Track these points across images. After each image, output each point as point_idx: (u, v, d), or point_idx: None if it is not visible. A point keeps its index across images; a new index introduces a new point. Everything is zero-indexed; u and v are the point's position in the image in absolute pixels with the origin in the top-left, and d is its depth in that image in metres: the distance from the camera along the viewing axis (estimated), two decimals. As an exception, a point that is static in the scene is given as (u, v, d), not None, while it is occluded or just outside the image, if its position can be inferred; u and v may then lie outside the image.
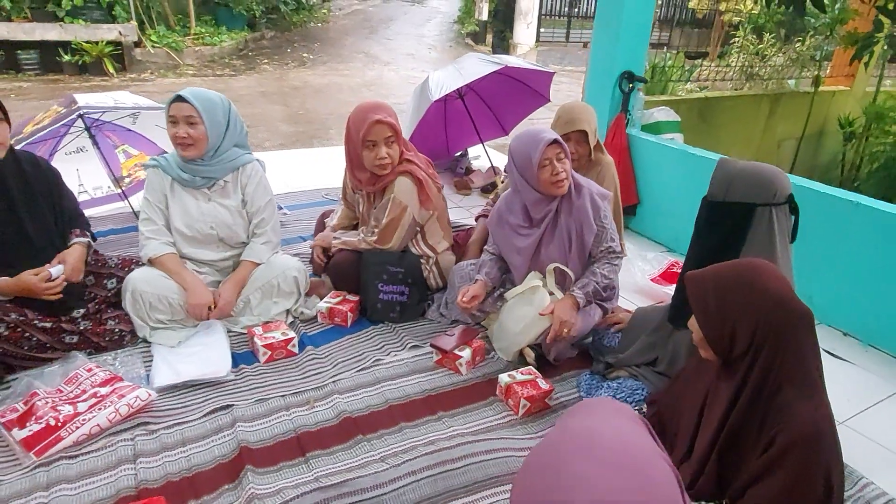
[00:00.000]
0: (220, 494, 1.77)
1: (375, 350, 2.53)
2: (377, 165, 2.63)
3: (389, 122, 2.59)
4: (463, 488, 1.82)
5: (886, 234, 2.66)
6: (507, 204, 2.53)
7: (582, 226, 2.39)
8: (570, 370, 2.45)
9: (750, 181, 1.82)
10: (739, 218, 1.83)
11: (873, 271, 2.70)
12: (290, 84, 9.40)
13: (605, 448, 0.66)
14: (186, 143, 2.43)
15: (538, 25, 13.54)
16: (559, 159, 2.30)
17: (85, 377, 2.14)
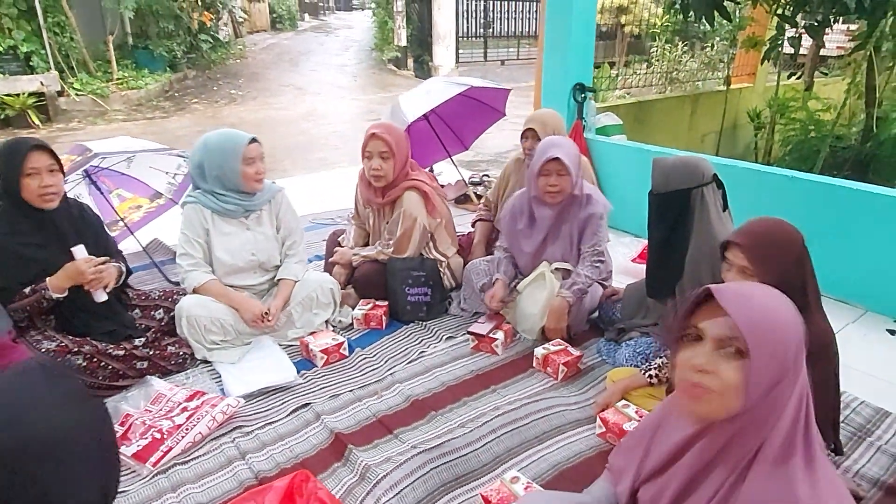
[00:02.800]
0: (334, 471, 2.02)
1: (416, 344, 2.83)
2: (371, 175, 2.98)
3: (384, 137, 2.93)
4: (535, 438, 2.16)
5: (806, 198, 3.27)
6: (519, 203, 2.91)
7: (584, 231, 2.79)
8: (586, 340, 2.84)
9: (681, 171, 2.29)
10: (681, 202, 2.29)
11: (810, 227, 3.24)
12: (225, 122, 9.46)
13: None
14: (261, 179, 2.74)
15: (457, 47, 14.15)
16: (559, 174, 2.70)
17: (169, 396, 2.32)
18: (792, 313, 1.05)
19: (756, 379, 0.99)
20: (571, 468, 2.03)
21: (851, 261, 3.16)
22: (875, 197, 3.10)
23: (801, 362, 1.03)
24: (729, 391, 1.02)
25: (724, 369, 1.02)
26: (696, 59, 6.75)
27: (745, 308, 1.02)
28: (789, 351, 1.01)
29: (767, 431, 1.02)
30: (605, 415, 2.15)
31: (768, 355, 0.99)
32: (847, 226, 3.16)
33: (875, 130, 4.67)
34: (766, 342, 0.99)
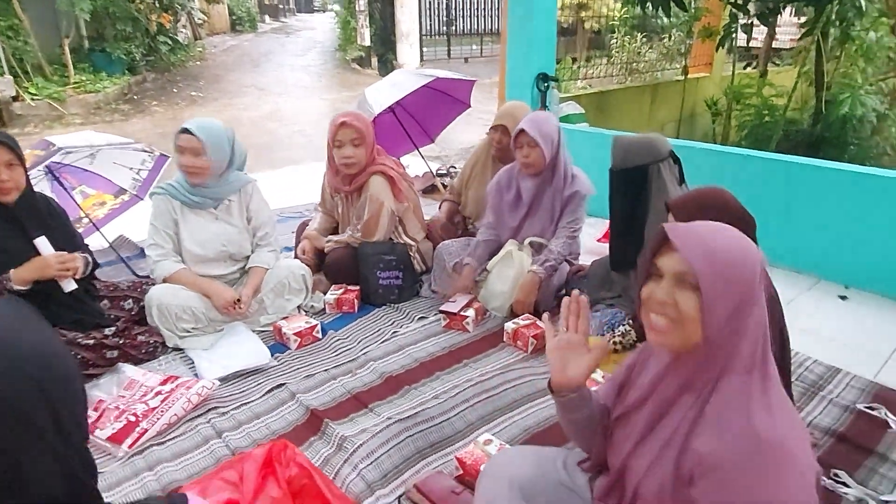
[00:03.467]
0: (311, 444, 2.05)
1: (388, 325, 2.87)
2: (343, 164, 3.01)
3: (355, 125, 2.97)
4: (507, 406, 2.23)
5: (760, 176, 3.42)
6: (506, 178, 3.02)
7: (566, 207, 2.90)
8: (554, 316, 2.90)
9: (639, 147, 2.41)
10: (640, 178, 2.39)
11: (765, 203, 3.38)
12: (187, 123, 9.35)
13: None
14: (192, 171, 2.67)
15: (420, 45, 14.19)
16: (529, 146, 2.80)
17: (142, 381, 2.33)
18: (745, 246, 1.11)
19: (710, 309, 1.06)
20: (542, 432, 2.10)
21: (804, 233, 3.30)
22: (823, 171, 3.25)
23: (756, 292, 1.09)
24: (687, 322, 1.09)
25: (682, 301, 1.09)
26: (655, 50, 6.92)
27: (695, 243, 1.09)
28: (742, 282, 1.07)
29: (727, 359, 1.09)
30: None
31: (720, 287, 1.06)
32: (799, 200, 3.31)
33: (824, 113, 4.86)
34: (717, 274, 1.06)
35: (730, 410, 1.06)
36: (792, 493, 0.99)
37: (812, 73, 5.25)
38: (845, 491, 1.78)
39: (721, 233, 1.13)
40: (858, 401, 2.22)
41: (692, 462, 1.07)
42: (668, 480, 1.14)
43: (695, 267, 1.07)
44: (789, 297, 3.08)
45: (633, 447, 1.25)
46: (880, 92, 5.39)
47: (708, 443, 1.05)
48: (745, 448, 1.01)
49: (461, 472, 1.84)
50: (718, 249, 1.09)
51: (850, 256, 3.16)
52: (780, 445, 1.00)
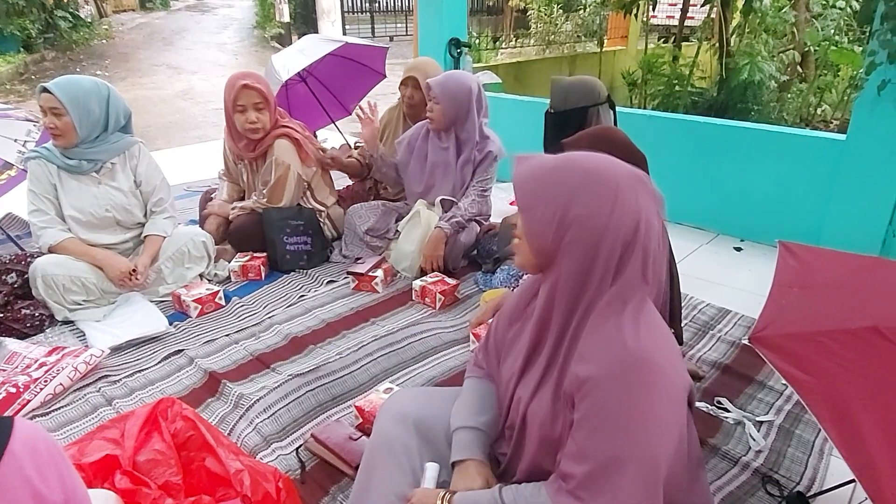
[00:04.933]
0: (208, 405, 1.98)
1: (296, 290, 2.80)
2: (248, 129, 2.89)
3: (257, 87, 2.85)
4: (412, 359, 2.22)
5: (664, 136, 3.53)
6: (416, 134, 3.02)
7: (477, 167, 2.91)
8: (464, 274, 2.93)
9: (580, 90, 2.42)
10: (579, 120, 2.41)
11: (669, 164, 3.50)
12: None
13: None
14: (55, 133, 2.49)
15: (343, 23, 13.91)
16: (434, 101, 2.79)
17: (24, 354, 2.18)
18: (561, 166, 1.12)
19: (528, 229, 1.12)
20: (445, 381, 2.10)
21: (704, 191, 3.44)
22: (718, 128, 3.39)
23: (579, 213, 1.08)
24: (522, 242, 1.16)
25: (519, 223, 1.15)
26: (572, 23, 7.03)
27: (521, 171, 1.13)
28: (555, 202, 1.08)
29: (582, 285, 1.10)
30: (478, 330, 2.24)
31: (532, 211, 1.11)
32: (699, 159, 3.43)
33: (726, 79, 5.07)
34: (527, 195, 1.11)
35: (602, 333, 1.09)
36: (661, 405, 1.03)
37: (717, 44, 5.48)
38: (726, 415, 1.87)
39: (550, 161, 1.14)
40: (744, 337, 2.33)
41: (571, 386, 1.09)
42: (551, 404, 1.16)
43: (515, 192, 1.13)
44: (689, 249, 3.21)
45: (519, 376, 1.27)
46: (781, 63, 5.66)
47: (584, 367, 1.07)
48: (617, 366, 1.03)
49: (360, 420, 1.82)
50: (537, 177, 1.11)
51: (746, 211, 3.32)
52: (650, 361, 1.03)
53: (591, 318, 1.11)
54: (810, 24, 5.91)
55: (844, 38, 5.55)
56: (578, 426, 1.05)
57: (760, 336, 1.13)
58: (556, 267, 1.13)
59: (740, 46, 5.74)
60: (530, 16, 7.40)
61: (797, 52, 6.19)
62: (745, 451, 1.74)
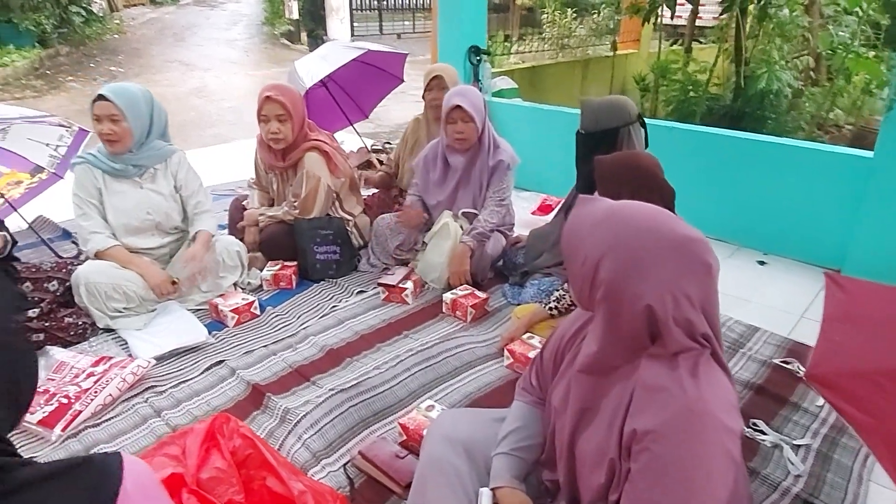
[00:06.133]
0: (254, 418, 2.04)
1: (327, 300, 2.86)
2: (270, 139, 2.97)
3: (280, 100, 2.91)
4: (448, 374, 2.27)
5: (684, 147, 3.55)
6: (433, 153, 3.04)
7: (492, 177, 2.94)
8: (492, 286, 2.97)
9: (610, 111, 2.45)
10: (610, 140, 2.45)
11: (689, 174, 3.54)
12: (107, 99, 8.89)
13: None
14: (112, 139, 2.57)
15: (351, 20, 13.92)
16: (463, 121, 2.81)
17: (72, 364, 2.24)
18: (608, 223, 1.15)
19: (569, 276, 1.23)
20: (483, 397, 2.15)
21: (725, 203, 3.47)
22: (742, 142, 3.41)
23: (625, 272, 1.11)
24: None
25: None
26: (585, 27, 7.05)
27: (572, 217, 1.21)
28: (589, 269, 1.13)
29: (620, 340, 1.14)
30: (512, 346, 2.29)
31: (571, 262, 1.18)
32: (720, 171, 3.47)
33: (744, 88, 5.09)
34: (569, 250, 1.20)
35: (658, 386, 1.10)
36: (720, 457, 1.05)
37: (732, 50, 5.49)
38: (763, 438, 1.92)
39: (596, 214, 1.18)
40: (775, 356, 2.38)
41: (628, 438, 1.12)
42: (602, 447, 1.19)
43: (563, 235, 1.22)
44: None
45: (568, 411, 1.29)
46: (795, 69, 5.68)
47: (642, 420, 1.09)
48: (677, 420, 1.06)
49: (404, 437, 1.87)
50: (580, 226, 1.18)
51: (768, 224, 3.35)
52: (709, 413, 1.05)
53: (643, 370, 1.13)
54: (824, 28, 5.93)
55: (857, 43, 5.57)
56: (638, 478, 1.07)
57: (816, 374, 1.17)
58: (596, 316, 1.18)
59: (754, 52, 5.77)
60: (544, 18, 7.42)
61: (811, 58, 6.21)
62: (784, 476, 1.78)
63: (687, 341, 1.10)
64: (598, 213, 1.18)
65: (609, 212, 1.17)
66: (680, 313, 1.09)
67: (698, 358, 1.12)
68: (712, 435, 1.05)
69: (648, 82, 6.71)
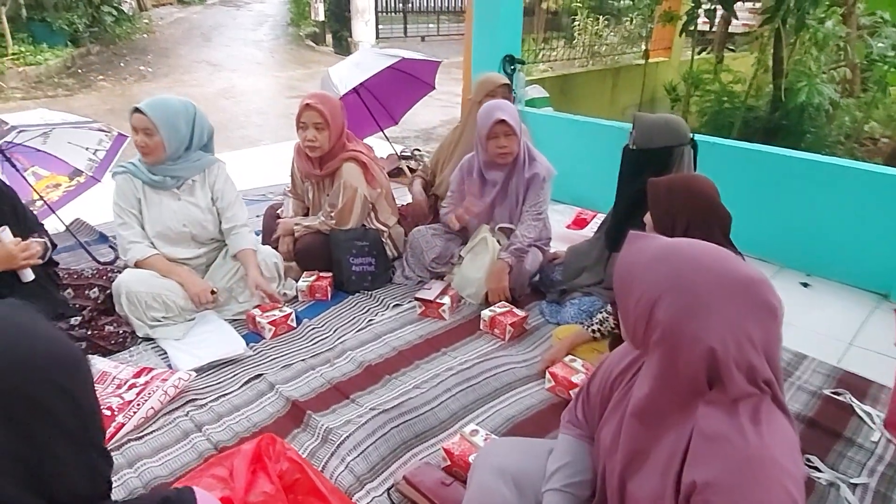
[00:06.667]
0: (295, 437, 2.03)
1: (363, 313, 2.84)
2: (306, 147, 2.98)
3: (318, 108, 2.91)
4: (488, 395, 2.24)
5: (724, 163, 3.40)
6: (468, 166, 3.00)
7: (528, 191, 2.89)
8: (529, 303, 2.94)
9: (665, 129, 2.40)
10: (662, 159, 2.39)
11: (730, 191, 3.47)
12: (137, 100, 8.74)
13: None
14: (145, 151, 2.60)
15: (376, 22, 13.94)
16: (506, 135, 2.77)
17: (114, 374, 2.25)
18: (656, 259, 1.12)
19: (621, 315, 1.18)
20: (525, 420, 2.12)
21: (767, 221, 3.40)
22: (786, 159, 3.34)
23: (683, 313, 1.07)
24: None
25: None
26: (616, 34, 6.99)
27: (625, 254, 1.18)
28: (644, 309, 1.09)
29: (675, 385, 1.09)
30: (554, 369, 2.25)
31: (624, 301, 1.15)
32: (762, 188, 3.39)
33: (784, 101, 4.99)
34: (622, 288, 1.15)
35: (717, 434, 1.06)
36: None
37: (767, 60, 5.40)
38: (818, 476, 1.86)
39: (651, 251, 1.15)
40: (825, 386, 2.32)
41: (687, 489, 1.07)
42: (656, 494, 1.15)
43: (615, 271, 1.18)
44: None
45: (618, 452, 1.25)
46: (832, 80, 5.57)
47: (701, 471, 1.05)
48: (739, 470, 1.01)
49: (448, 462, 1.85)
50: (634, 263, 1.14)
51: (812, 245, 3.27)
52: (772, 460, 1.01)
53: (700, 417, 1.08)
54: (861, 38, 5.81)
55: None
56: None
57: None
58: (650, 357, 1.13)
59: (790, 63, 5.67)
60: (575, 26, 7.36)
61: (848, 69, 6.10)
62: (842, 516, 1.73)
63: (748, 387, 1.06)
64: (654, 250, 1.14)
65: (666, 249, 1.13)
66: (743, 357, 1.04)
67: (759, 404, 1.07)
68: (777, 484, 1.01)
69: (680, 92, 6.62)
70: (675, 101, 6.67)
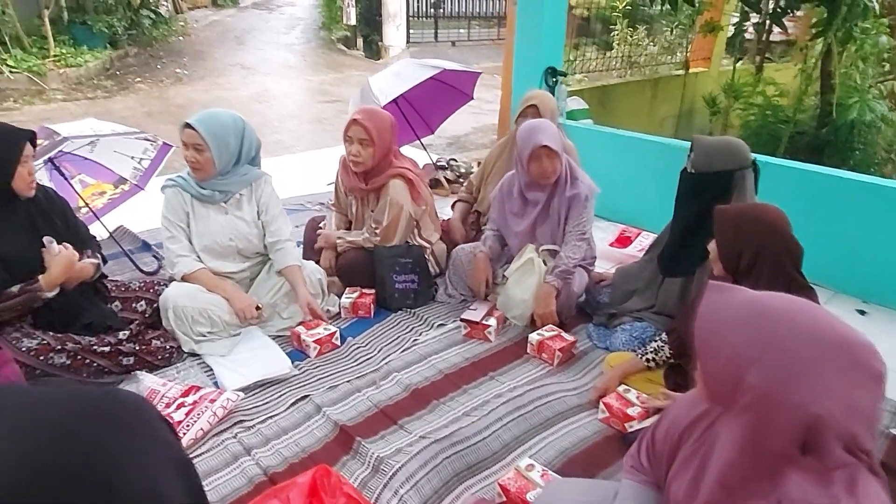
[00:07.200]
0: (345, 464, 1.99)
1: (407, 332, 2.81)
2: (350, 161, 2.96)
3: (365, 125, 2.89)
4: (540, 425, 2.18)
5: (774, 183, 3.27)
6: (509, 185, 2.94)
7: (570, 211, 2.82)
8: (575, 326, 2.88)
9: (727, 152, 2.32)
10: (723, 184, 2.32)
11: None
12: (174, 102, 9.09)
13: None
14: (195, 167, 2.60)
15: (407, 27, 13.95)
16: (548, 157, 2.71)
17: (163, 392, 2.24)
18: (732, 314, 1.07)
19: (703, 375, 1.12)
20: (579, 454, 2.06)
21: (821, 244, 3.27)
22: (844, 182, 3.23)
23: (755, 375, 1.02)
24: (699, 377, 1.15)
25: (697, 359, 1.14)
26: (656, 44, 6.88)
27: (707, 309, 1.10)
28: (733, 372, 1.03)
29: (763, 452, 1.03)
30: (608, 400, 2.19)
31: (709, 362, 1.09)
32: (815, 209, 3.28)
33: (833, 116, 4.84)
34: (707, 348, 1.08)
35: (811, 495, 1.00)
36: None
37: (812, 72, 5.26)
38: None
39: (740, 309, 1.08)
40: (892, 425, 2.22)
41: None
42: None
43: (696, 328, 1.10)
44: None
45: None
46: (881, 95, 5.41)
47: None
48: None
49: (504, 499, 1.80)
50: (720, 322, 1.07)
51: (869, 270, 3.16)
52: None
53: (791, 485, 1.02)
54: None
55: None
56: None
57: None
58: (733, 419, 1.07)
59: (837, 76, 5.53)
60: (614, 36, 7.27)
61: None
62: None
63: (846, 456, 0.99)
64: (741, 306, 1.07)
65: (755, 306, 1.06)
66: (847, 428, 0.98)
67: (856, 474, 1.00)
68: None
69: (720, 104, 6.50)
70: (714, 114, 6.54)
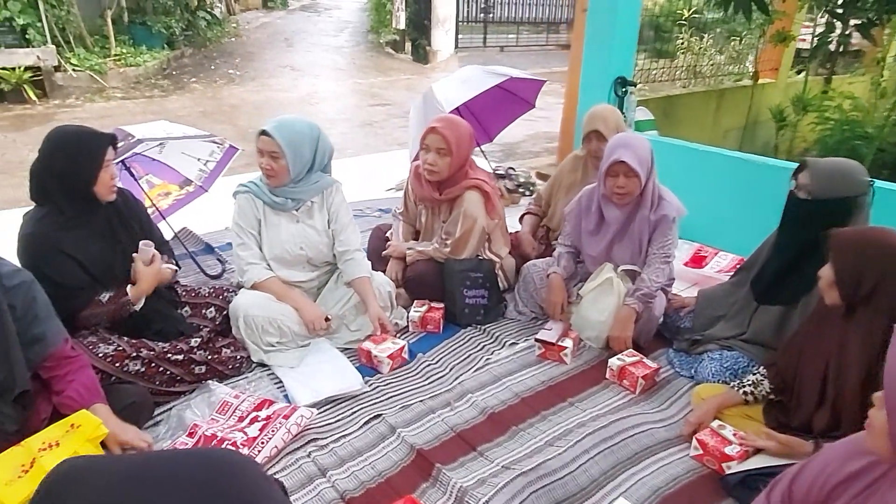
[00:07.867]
0: (424, 492, 1.90)
1: (478, 351, 2.71)
2: (425, 169, 2.86)
3: (444, 133, 2.79)
4: (628, 460, 2.06)
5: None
6: (588, 199, 2.82)
7: (655, 232, 2.69)
8: (654, 350, 2.73)
9: (846, 177, 2.16)
10: (842, 211, 2.14)
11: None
12: (227, 102, 9.19)
13: None
14: (269, 174, 2.54)
15: (456, 32, 13.90)
16: (626, 175, 2.58)
17: (235, 405, 2.19)
18: None
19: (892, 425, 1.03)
20: (673, 494, 1.92)
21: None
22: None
23: None
24: (879, 418, 1.07)
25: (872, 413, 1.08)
26: (723, 53, 6.67)
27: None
28: None
29: None
30: (703, 437, 2.05)
31: None
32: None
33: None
34: None
35: None
36: None
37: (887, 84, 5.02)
38: None
39: None
40: None
41: None
42: None
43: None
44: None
45: None
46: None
47: None
48: None
49: (601, 542, 1.69)
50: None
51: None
52: None
53: None
54: None
55: None
56: None
57: None
58: None
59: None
60: (678, 45, 7.07)
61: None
62: None
63: None
64: None
65: None
66: None
67: None
68: None
69: (789, 117, 6.25)
70: (781, 128, 6.30)
